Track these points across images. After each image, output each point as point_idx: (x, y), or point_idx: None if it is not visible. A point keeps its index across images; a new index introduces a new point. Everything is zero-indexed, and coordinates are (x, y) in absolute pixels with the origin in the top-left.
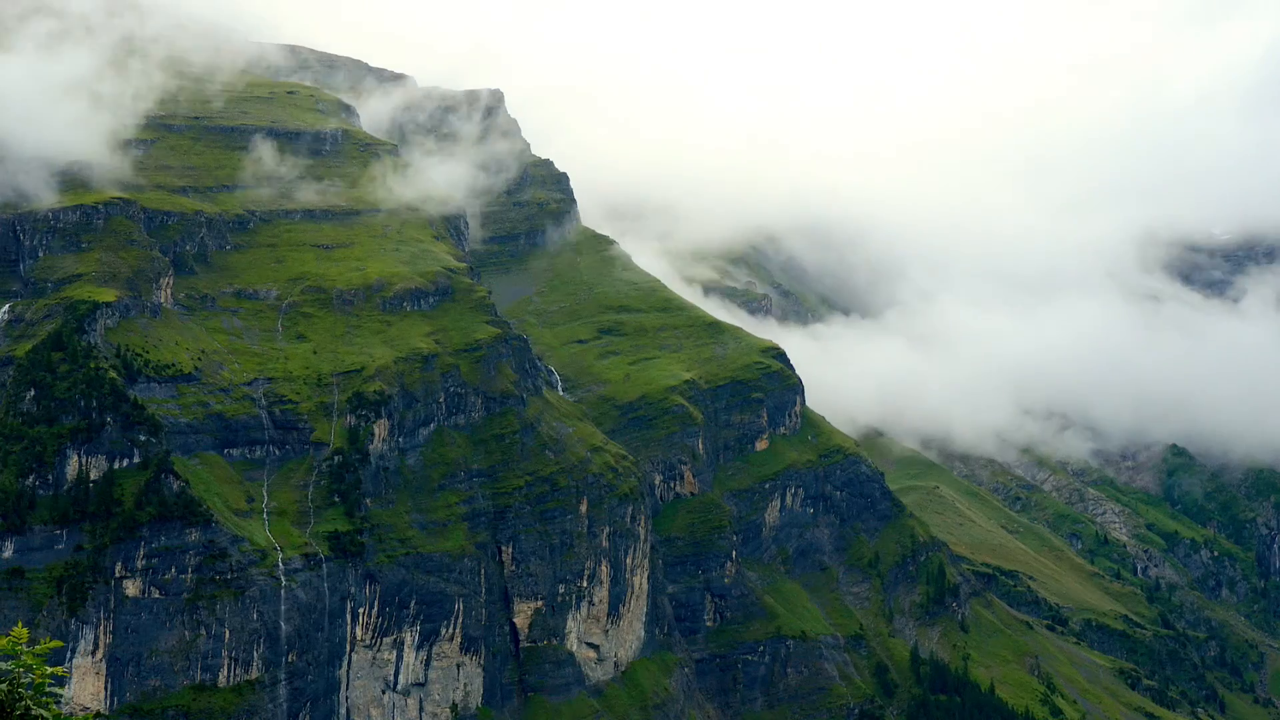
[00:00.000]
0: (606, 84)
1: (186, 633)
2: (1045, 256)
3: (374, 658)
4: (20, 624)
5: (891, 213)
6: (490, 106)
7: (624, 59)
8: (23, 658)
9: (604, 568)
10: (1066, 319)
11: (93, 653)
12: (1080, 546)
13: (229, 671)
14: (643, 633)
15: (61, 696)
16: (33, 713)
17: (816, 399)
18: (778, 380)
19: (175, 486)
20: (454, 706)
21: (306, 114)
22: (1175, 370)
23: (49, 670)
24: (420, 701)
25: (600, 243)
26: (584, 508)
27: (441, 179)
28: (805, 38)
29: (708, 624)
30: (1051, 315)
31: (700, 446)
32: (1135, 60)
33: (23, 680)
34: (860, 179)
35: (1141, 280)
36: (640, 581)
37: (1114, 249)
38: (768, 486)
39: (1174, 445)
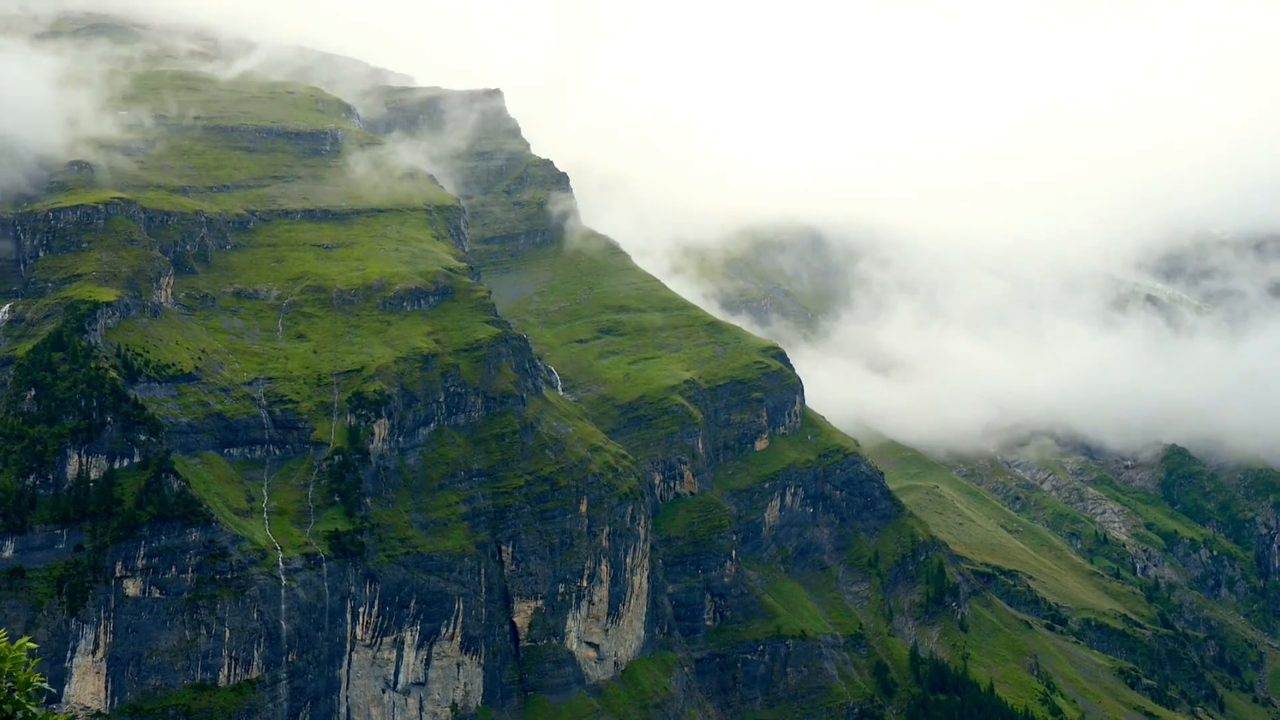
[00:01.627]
0: (607, 85)
1: (187, 632)
2: (1046, 260)
3: (374, 657)
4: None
5: (882, 223)
6: (490, 106)
7: (623, 59)
8: (2, 663)
9: (604, 567)
10: (1066, 320)
11: (93, 652)
12: (1079, 546)
13: (229, 671)
14: (643, 632)
15: (51, 692)
16: (18, 714)
17: (816, 402)
18: (777, 380)
19: (175, 486)
20: (454, 706)
21: (306, 114)
22: (1174, 370)
23: (34, 677)
24: (420, 701)
25: (600, 242)
26: (584, 507)
27: (441, 179)
28: (801, 41)
29: (707, 623)
30: (1051, 317)
31: (700, 446)
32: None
33: (4, 684)
34: (857, 187)
35: (1141, 280)
36: (640, 581)
37: (1114, 250)
38: (767, 486)
39: (1173, 445)
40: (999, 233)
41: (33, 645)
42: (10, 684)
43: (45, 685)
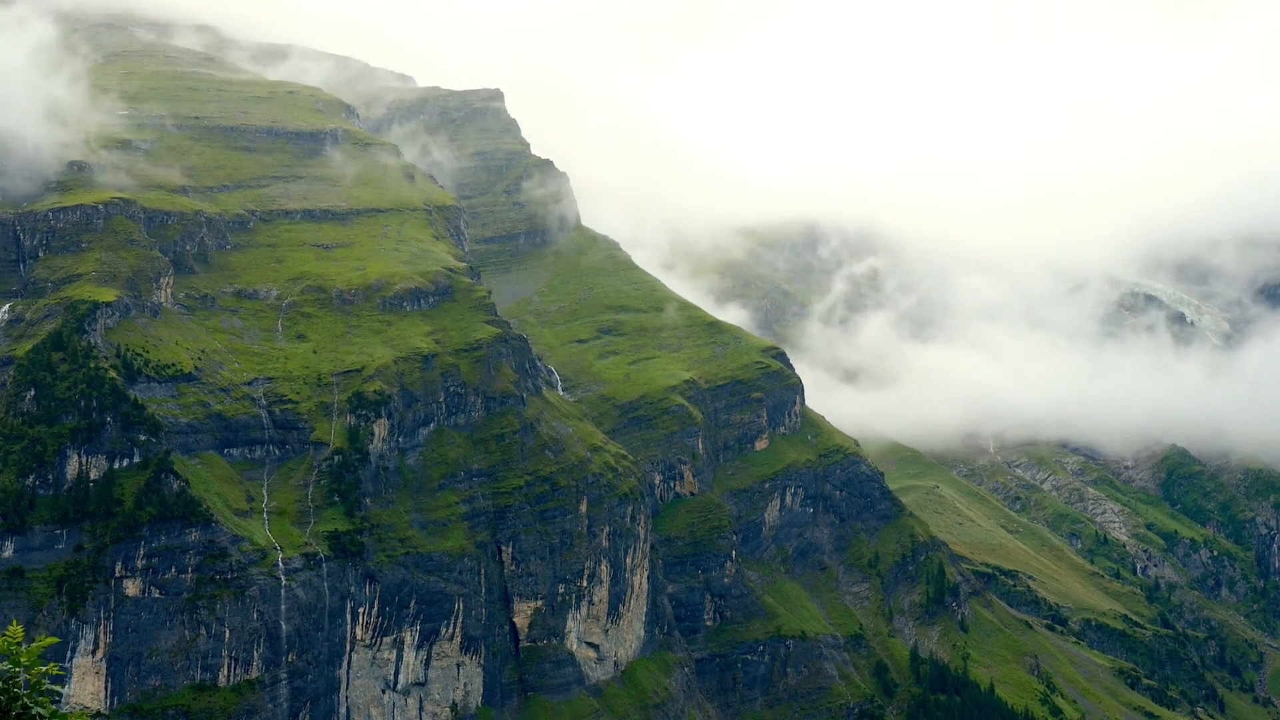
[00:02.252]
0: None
1: (186, 632)
2: (1047, 262)
3: (374, 657)
4: (16, 622)
5: (880, 225)
6: (490, 106)
7: (622, 59)
8: (19, 657)
9: (604, 567)
10: (1067, 322)
11: (93, 652)
12: (1080, 546)
13: (229, 671)
14: (643, 632)
15: (60, 694)
16: (31, 711)
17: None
18: (777, 380)
19: (175, 486)
20: (454, 706)
21: (306, 114)
22: (1175, 370)
23: (43, 670)
24: (420, 701)
25: (600, 242)
26: (584, 507)
27: (441, 179)
28: (804, 42)
29: (707, 624)
30: (1052, 319)
31: (700, 446)
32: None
33: (19, 679)
34: (856, 189)
35: (1142, 281)
36: (640, 581)
37: (1114, 252)
38: (767, 486)
39: (1174, 445)
40: (999, 235)
41: (53, 640)
42: (26, 678)
43: (57, 688)
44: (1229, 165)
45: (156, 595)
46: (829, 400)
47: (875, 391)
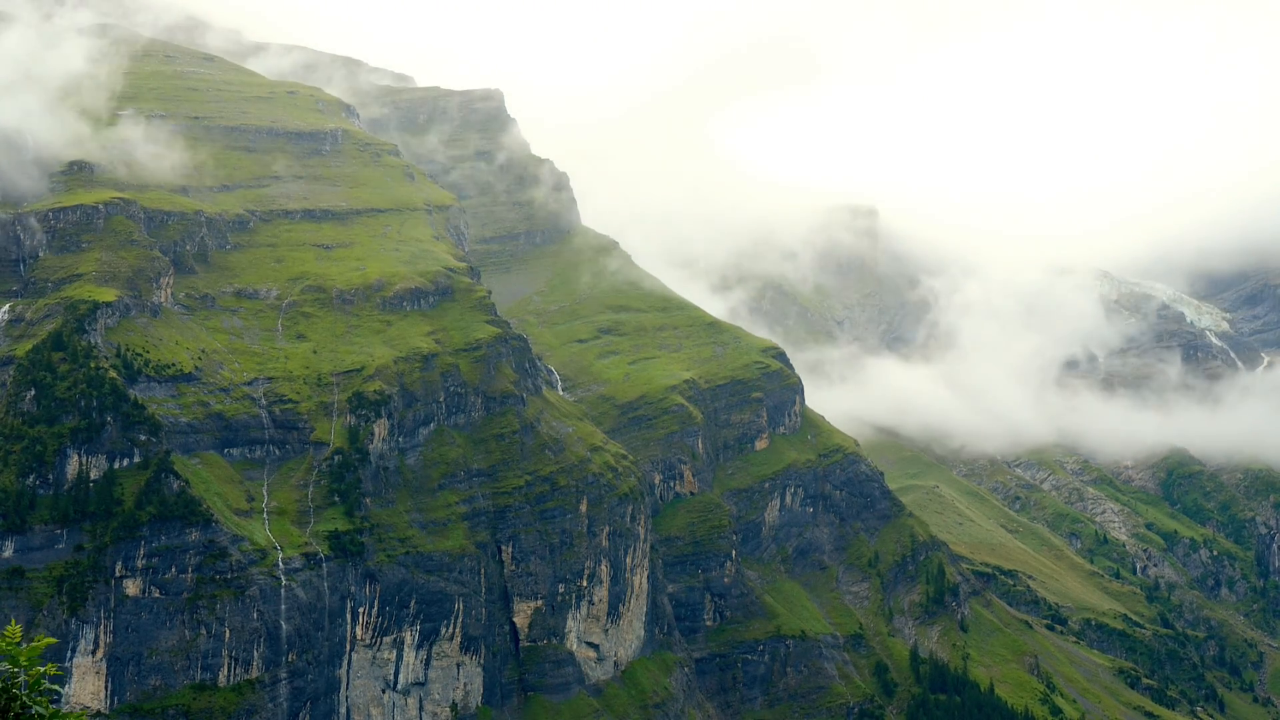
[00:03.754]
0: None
1: (187, 632)
2: (1049, 260)
3: (374, 657)
4: (14, 621)
5: (886, 221)
6: (490, 106)
7: (623, 58)
8: (16, 657)
9: (604, 567)
10: (1065, 321)
11: (93, 652)
12: (1079, 546)
13: (229, 671)
14: (642, 632)
15: (58, 693)
16: (30, 711)
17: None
18: (777, 379)
19: (175, 486)
20: (454, 706)
21: (306, 114)
22: (1174, 369)
23: (42, 670)
24: (420, 701)
25: (600, 242)
26: (584, 507)
27: (441, 178)
28: (807, 39)
29: (707, 623)
30: (1052, 318)
31: (700, 446)
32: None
33: (18, 679)
34: (861, 185)
35: (1142, 281)
36: (640, 581)
37: (1119, 253)
38: (767, 486)
39: (1174, 445)
40: (1005, 235)
41: (52, 641)
42: (25, 679)
43: (56, 687)
44: (1237, 175)
45: (156, 595)
46: (827, 400)
47: (875, 393)
